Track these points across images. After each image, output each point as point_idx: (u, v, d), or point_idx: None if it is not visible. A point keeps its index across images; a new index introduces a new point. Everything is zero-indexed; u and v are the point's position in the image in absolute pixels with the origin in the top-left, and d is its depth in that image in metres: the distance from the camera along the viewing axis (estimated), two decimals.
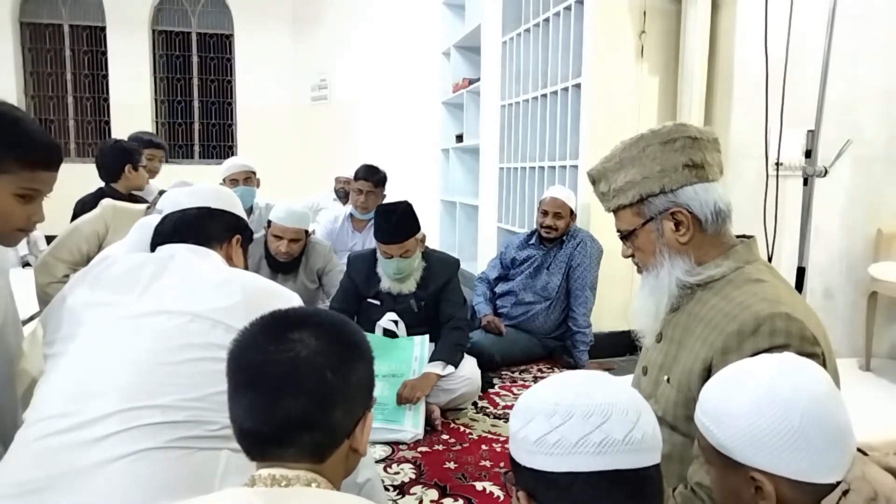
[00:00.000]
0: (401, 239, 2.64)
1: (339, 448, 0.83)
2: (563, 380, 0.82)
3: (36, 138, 1.23)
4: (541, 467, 0.76)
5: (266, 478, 0.78)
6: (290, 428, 0.80)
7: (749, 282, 1.11)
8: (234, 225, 1.49)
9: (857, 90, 3.19)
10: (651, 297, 1.21)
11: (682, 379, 1.11)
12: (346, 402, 0.83)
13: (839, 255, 3.33)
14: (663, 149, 1.14)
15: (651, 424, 0.77)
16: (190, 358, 1.14)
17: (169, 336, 1.17)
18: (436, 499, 2.03)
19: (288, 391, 0.80)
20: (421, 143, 6.45)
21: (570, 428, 0.75)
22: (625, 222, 1.22)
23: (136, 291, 1.24)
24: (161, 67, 8.26)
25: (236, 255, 1.48)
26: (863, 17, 3.11)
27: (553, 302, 3.36)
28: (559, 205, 3.32)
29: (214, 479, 1.08)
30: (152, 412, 1.07)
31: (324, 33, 7.75)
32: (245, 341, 0.86)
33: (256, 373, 0.82)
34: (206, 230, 1.42)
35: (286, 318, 0.87)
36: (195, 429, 1.09)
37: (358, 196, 3.75)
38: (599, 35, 3.37)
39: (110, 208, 2.65)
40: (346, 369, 0.84)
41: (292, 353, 0.81)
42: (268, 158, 5.36)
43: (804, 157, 2.38)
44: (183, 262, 1.31)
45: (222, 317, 1.19)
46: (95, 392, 1.10)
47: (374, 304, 2.80)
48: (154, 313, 1.20)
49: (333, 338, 0.85)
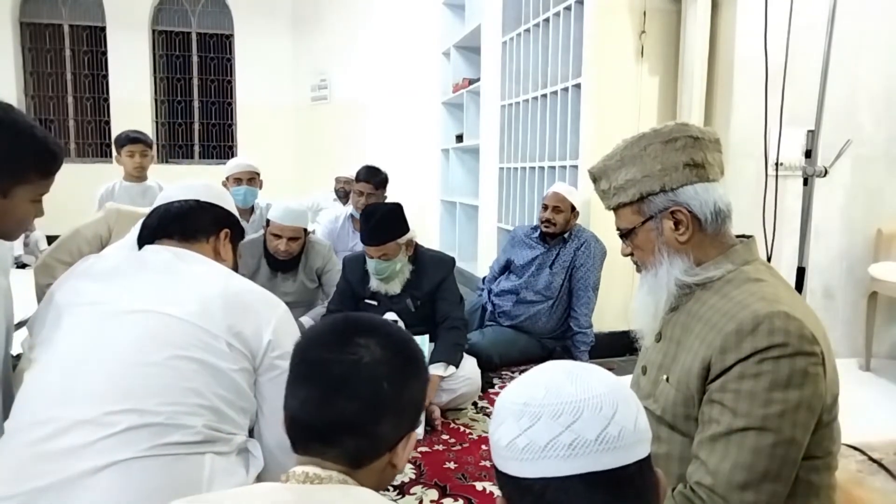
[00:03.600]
0: (377, 242, 2.63)
1: (378, 459, 0.85)
2: (535, 376, 0.77)
3: (50, 147, 1.28)
4: (513, 473, 0.72)
5: (300, 475, 0.81)
6: (338, 428, 0.83)
7: (748, 281, 1.11)
8: (223, 219, 1.47)
9: (857, 90, 3.18)
10: (650, 295, 1.20)
11: (681, 378, 1.11)
12: (395, 416, 0.86)
13: (839, 255, 3.33)
14: (664, 148, 1.14)
15: (630, 418, 0.70)
16: (167, 357, 1.13)
17: (145, 336, 1.16)
18: (436, 499, 2.03)
19: (345, 392, 0.82)
20: (421, 143, 6.45)
21: (538, 430, 0.69)
22: (624, 220, 1.22)
23: (117, 290, 1.24)
24: (161, 67, 8.26)
25: (224, 249, 1.46)
26: (863, 16, 3.11)
27: (555, 301, 3.36)
28: (559, 199, 3.33)
29: (201, 484, 1.07)
30: (129, 416, 1.07)
31: (324, 33, 7.75)
32: (314, 336, 0.89)
33: (319, 368, 0.85)
34: (192, 223, 1.40)
35: (357, 323, 0.90)
36: (174, 433, 1.08)
37: (359, 198, 3.75)
38: (599, 35, 3.37)
39: (114, 211, 2.66)
40: (403, 384, 0.87)
41: (356, 357, 0.84)
42: (268, 158, 5.33)
43: (804, 157, 2.38)
44: (165, 262, 1.30)
45: (198, 319, 1.18)
46: (73, 397, 1.09)
47: (371, 305, 2.81)
48: (130, 313, 1.19)
49: (397, 351, 0.88)
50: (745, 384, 0.99)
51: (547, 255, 3.41)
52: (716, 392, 1.03)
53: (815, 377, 1.00)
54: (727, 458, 0.99)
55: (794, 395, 0.98)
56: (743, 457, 0.98)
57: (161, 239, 1.38)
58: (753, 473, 0.98)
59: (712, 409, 1.03)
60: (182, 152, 8.49)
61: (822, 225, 3.18)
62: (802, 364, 0.99)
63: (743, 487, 0.98)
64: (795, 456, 1.00)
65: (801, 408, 0.98)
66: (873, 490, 1.71)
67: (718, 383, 1.03)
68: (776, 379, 0.98)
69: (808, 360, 0.99)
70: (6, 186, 1.22)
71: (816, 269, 3.21)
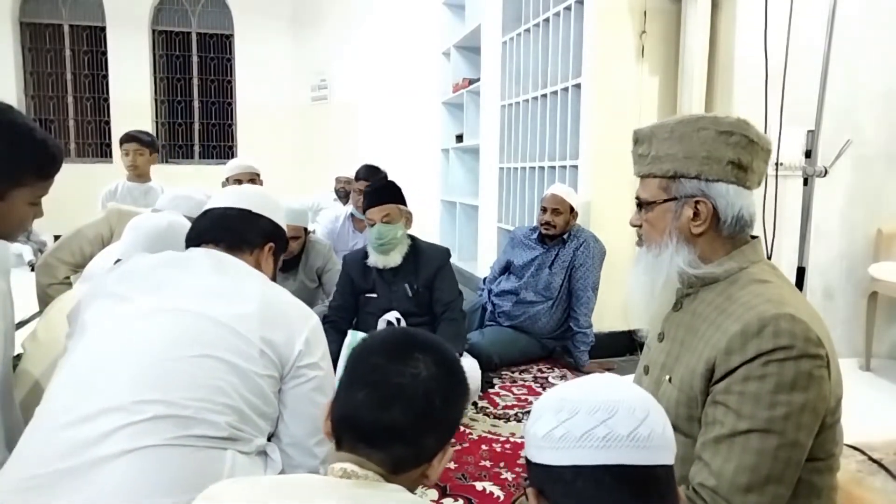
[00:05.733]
0: (381, 201, 2.72)
1: (417, 469, 0.90)
2: (576, 381, 0.85)
3: (49, 149, 1.28)
4: (547, 462, 0.78)
5: (338, 471, 0.85)
6: (389, 434, 0.87)
7: (753, 282, 1.10)
8: (271, 232, 1.47)
9: (857, 90, 3.18)
10: (646, 275, 1.19)
11: (684, 378, 1.10)
12: (441, 431, 0.91)
13: (839, 255, 3.33)
14: (717, 138, 1.12)
15: (660, 424, 0.78)
16: (197, 355, 1.14)
17: (178, 333, 1.17)
18: (436, 499, 2.03)
19: (401, 401, 0.87)
20: (421, 143, 6.45)
21: (575, 423, 0.77)
22: (648, 191, 1.19)
23: (152, 290, 1.25)
24: (161, 67, 8.26)
25: (266, 263, 1.46)
26: (863, 17, 3.12)
27: (555, 302, 3.36)
28: (558, 201, 3.33)
29: (221, 477, 1.08)
30: (156, 405, 1.08)
31: (324, 33, 7.75)
32: (375, 345, 0.94)
33: (380, 375, 0.89)
34: (241, 233, 1.41)
35: (415, 339, 0.95)
36: (199, 426, 1.09)
37: (359, 196, 3.75)
38: (599, 35, 3.37)
39: (115, 212, 2.67)
40: (452, 401, 0.92)
41: (416, 371, 0.89)
42: (268, 158, 5.34)
43: (804, 157, 2.38)
44: (209, 267, 1.31)
45: (235, 323, 1.19)
46: (101, 386, 1.11)
47: (371, 298, 2.85)
48: (166, 310, 1.20)
49: (450, 370, 0.93)
50: (750, 386, 0.99)
51: (546, 256, 3.41)
52: (720, 394, 1.02)
53: (820, 380, 0.99)
54: (731, 460, 0.99)
55: (799, 397, 0.97)
56: (747, 459, 0.98)
57: (208, 243, 1.39)
58: (757, 476, 0.97)
59: (716, 411, 1.02)
60: (182, 152, 8.49)
61: (822, 225, 3.18)
62: (807, 367, 0.98)
63: (746, 490, 0.97)
64: (799, 458, 1.00)
65: (806, 410, 0.98)
66: (873, 490, 1.71)
67: (723, 385, 1.02)
68: (781, 381, 0.98)
69: (813, 362, 0.99)
70: (3, 189, 1.22)
71: (816, 269, 3.21)
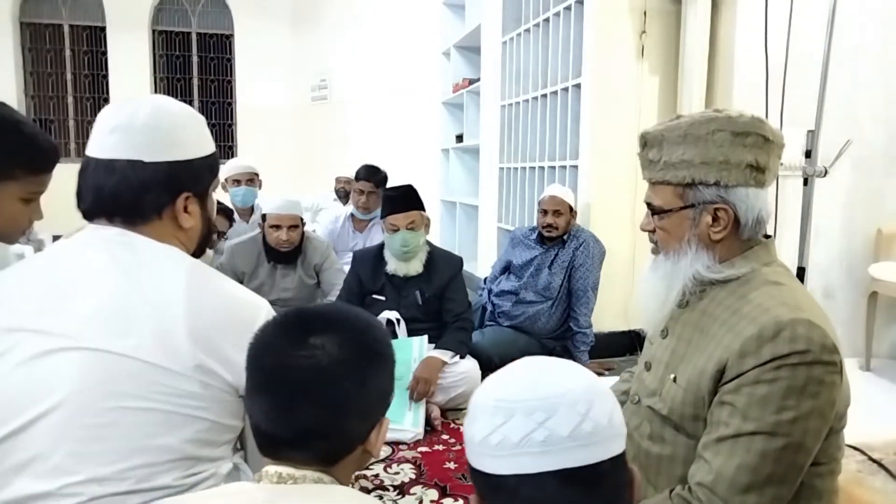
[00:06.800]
0: (407, 207, 2.72)
1: (352, 453, 0.84)
2: (510, 373, 0.77)
3: (39, 143, 1.22)
4: (487, 469, 0.72)
5: (273, 475, 0.79)
6: (304, 435, 0.80)
7: (766, 284, 1.08)
8: (179, 176, 1.06)
9: (857, 90, 3.18)
10: (663, 281, 1.15)
11: (691, 378, 1.08)
12: (362, 412, 0.83)
13: (839, 255, 3.33)
14: (734, 140, 1.08)
15: (605, 414, 0.70)
16: (121, 409, 0.92)
17: (91, 382, 0.92)
18: (436, 499, 2.03)
19: (305, 399, 0.79)
20: (421, 143, 6.44)
21: (511, 427, 0.70)
22: (662, 199, 1.14)
23: (48, 313, 0.96)
24: (161, 67, 8.26)
25: (188, 215, 1.09)
26: (863, 17, 3.11)
27: (555, 302, 3.36)
28: (558, 202, 3.32)
29: None
30: (90, 486, 0.90)
31: (324, 33, 7.74)
32: (266, 339, 0.84)
33: (275, 377, 0.80)
34: (135, 199, 1.04)
35: (309, 321, 0.84)
36: (146, 495, 0.93)
37: (359, 196, 3.76)
38: (599, 35, 3.37)
39: None
40: (366, 380, 0.83)
41: (312, 361, 0.79)
42: (268, 158, 5.35)
43: (804, 157, 2.38)
44: (105, 266, 1.01)
45: (158, 358, 0.94)
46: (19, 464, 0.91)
47: (379, 300, 2.82)
48: (68, 350, 0.93)
49: (355, 347, 0.83)
50: (760, 389, 0.97)
51: (546, 256, 3.41)
52: (728, 394, 1.00)
53: (831, 386, 0.98)
54: (732, 459, 0.97)
55: (808, 403, 0.96)
56: (749, 459, 0.96)
57: (98, 217, 1.06)
58: (758, 476, 0.96)
59: (722, 411, 1.01)
60: None
61: (822, 225, 3.17)
62: (819, 372, 0.97)
63: (745, 490, 0.96)
64: (803, 462, 0.98)
65: (814, 416, 0.96)
66: (873, 490, 1.71)
67: (732, 385, 1.00)
68: (792, 386, 0.96)
69: (825, 368, 0.97)
70: None
71: (816, 269, 3.21)
